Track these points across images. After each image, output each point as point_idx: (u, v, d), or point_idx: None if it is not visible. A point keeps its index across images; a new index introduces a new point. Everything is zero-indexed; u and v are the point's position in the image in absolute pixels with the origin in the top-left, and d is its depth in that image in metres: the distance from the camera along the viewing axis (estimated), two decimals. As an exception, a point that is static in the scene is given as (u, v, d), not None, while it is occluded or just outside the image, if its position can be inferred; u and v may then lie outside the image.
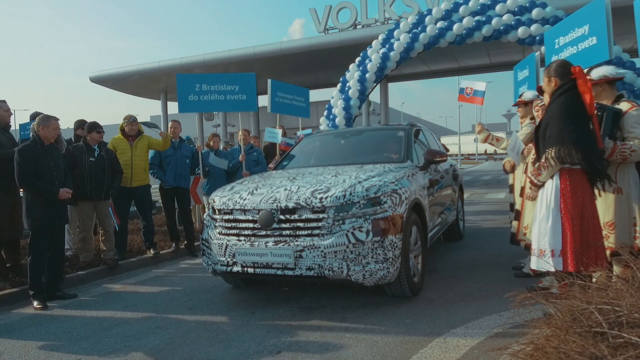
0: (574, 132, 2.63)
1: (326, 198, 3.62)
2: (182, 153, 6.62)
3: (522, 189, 3.87)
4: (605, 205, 3.12)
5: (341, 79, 10.69)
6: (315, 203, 3.62)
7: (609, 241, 3.08)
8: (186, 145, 6.83)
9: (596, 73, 3.15)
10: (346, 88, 10.29)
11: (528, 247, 3.65)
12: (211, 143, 7.22)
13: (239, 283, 4.66)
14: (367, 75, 9.98)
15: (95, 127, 5.43)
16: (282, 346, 3.17)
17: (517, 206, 3.96)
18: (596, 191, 2.98)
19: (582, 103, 2.67)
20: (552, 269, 2.71)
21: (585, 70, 3.91)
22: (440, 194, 5.36)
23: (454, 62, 20.39)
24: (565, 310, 2.05)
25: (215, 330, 3.57)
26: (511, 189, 4.05)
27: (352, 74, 10.38)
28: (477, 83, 6.96)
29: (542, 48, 8.83)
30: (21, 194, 4.67)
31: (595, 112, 3.15)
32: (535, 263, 2.92)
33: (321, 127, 10.52)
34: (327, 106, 10.75)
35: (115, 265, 5.67)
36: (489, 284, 4.42)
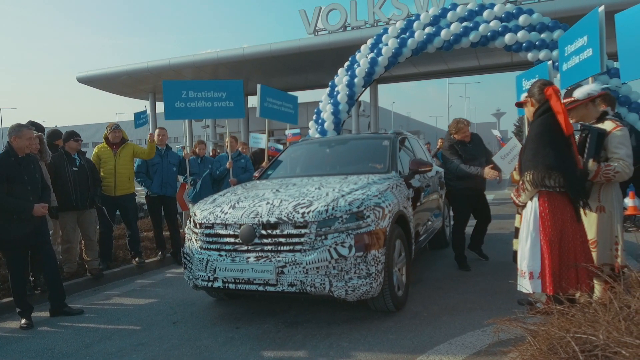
0: (548, 156, 2.64)
1: (308, 213, 3.60)
2: (168, 160, 6.56)
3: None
4: (587, 223, 3.13)
5: (330, 84, 10.68)
6: (298, 218, 3.60)
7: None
8: (173, 153, 6.77)
9: (580, 92, 3.16)
10: (335, 92, 10.28)
11: None
12: (197, 150, 7.17)
13: (223, 296, 4.63)
14: (355, 80, 9.98)
15: (72, 135, 5.37)
16: (265, 365, 3.16)
17: (517, 223, 3.96)
18: (581, 211, 2.99)
19: (554, 125, 2.68)
20: (530, 291, 2.72)
21: (570, 88, 3.92)
22: (426, 202, 5.37)
23: (442, 64, 20.46)
24: (542, 338, 2.06)
25: (199, 347, 3.54)
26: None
27: (341, 78, 10.37)
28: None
29: (532, 53, 8.88)
30: None
31: (580, 132, 3.16)
32: (518, 282, 2.93)
33: (310, 132, 10.50)
34: (315, 110, 10.74)
35: (99, 276, 5.62)
36: (474, 296, 4.43)
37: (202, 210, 4.05)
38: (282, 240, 3.62)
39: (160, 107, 26.59)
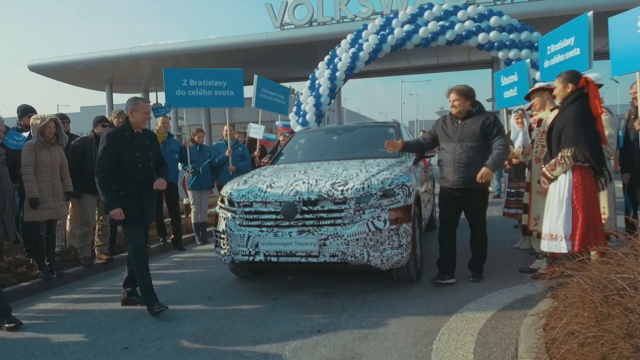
0: (588, 135, 3.16)
1: (347, 190, 3.94)
2: (170, 148, 6.64)
3: (529, 184, 4.38)
4: None
5: (310, 77, 10.97)
6: (337, 195, 3.92)
7: None
8: (174, 140, 6.85)
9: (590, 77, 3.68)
10: (316, 85, 10.59)
11: (539, 236, 4.18)
12: (195, 138, 7.26)
13: (247, 274, 4.85)
14: (337, 73, 10.34)
15: (101, 120, 5.43)
16: (320, 326, 3.46)
17: (525, 200, 4.45)
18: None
19: (590, 108, 3.19)
20: (565, 251, 3.19)
21: None
22: (425, 186, 5.83)
23: (405, 61, 21.26)
24: (587, 278, 2.52)
25: (247, 316, 3.78)
26: (528, 186, 4.44)
27: (322, 72, 10.70)
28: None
29: (508, 52, 9.58)
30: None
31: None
32: (546, 246, 3.42)
33: (290, 123, 10.75)
34: (296, 102, 11.01)
35: (110, 260, 5.66)
36: (477, 267, 4.92)
37: (239, 190, 4.27)
38: (323, 215, 3.93)
39: (117, 98, 25.81)
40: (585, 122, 3.18)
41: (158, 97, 26.98)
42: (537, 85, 4.21)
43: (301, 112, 10.69)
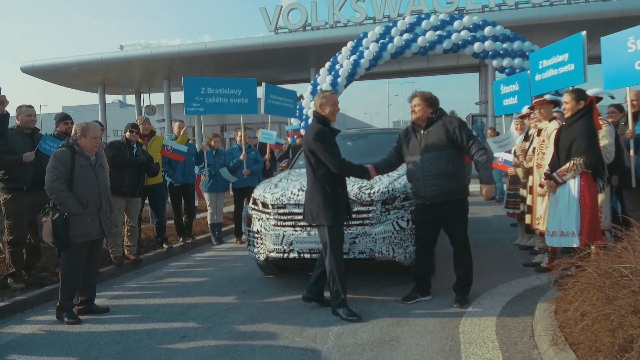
0: (595, 146, 3.67)
1: (374, 193, 4.37)
2: (188, 151, 6.98)
3: (531, 188, 4.86)
4: None
5: (312, 82, 11.39)
6: (365, 197, 4.35)
7: None
8: (191, 144, 7.21)
9: (592, 91, 4.21)
10: (318, 91, 10.99)
11: (542, 234, 4.66)
12: (212, 143, 7.61)
13: (275, 271, 5.24)
14: (338, 79, 10.77)
15: (129, 126, 5.77)
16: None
17: (528, 202, 4.94)
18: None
19: (594, 123, 3.71)
20: (575, 245, 3.66)
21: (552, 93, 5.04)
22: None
23: (396, 65, 21.79)
24: (596, 268, 2.99)
25: (286, 307, 4.18)
26: (530, 190, 4.94)
27: (323, 77, 11.11)
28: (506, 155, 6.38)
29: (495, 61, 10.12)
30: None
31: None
32: (557, 241, 3.90)
33: (298, 127, 11.13)
34: (298, 107, 11.39)
35: (138, 260, 5.99)
36: (483, 263, 5.38)
37: (272, 194, 4.66)
38: (352, 215, 4.34)
39: (109, 99, 25.87)
40: (593, 135, 3.70)
41: (150, 99, 27.08)
42: (543, 99, 4.68)
43: (304, 117, 11.09)
